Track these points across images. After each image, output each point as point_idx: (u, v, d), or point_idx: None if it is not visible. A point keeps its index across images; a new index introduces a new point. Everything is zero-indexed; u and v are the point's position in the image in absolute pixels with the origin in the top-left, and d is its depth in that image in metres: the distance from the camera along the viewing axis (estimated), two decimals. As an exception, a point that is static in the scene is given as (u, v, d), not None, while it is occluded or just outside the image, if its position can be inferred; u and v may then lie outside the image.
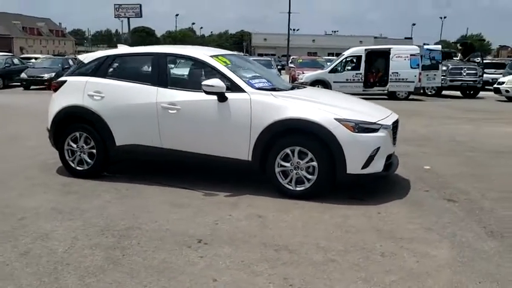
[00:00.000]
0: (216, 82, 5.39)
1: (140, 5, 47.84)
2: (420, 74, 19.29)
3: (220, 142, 5.55)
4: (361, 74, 19.40)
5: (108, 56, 6.22)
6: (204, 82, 5.42)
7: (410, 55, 19.22)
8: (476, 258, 3.84)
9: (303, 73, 21.45)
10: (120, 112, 5.89)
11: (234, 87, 5.49)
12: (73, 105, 6.12)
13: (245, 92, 5.47)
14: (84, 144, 6.14)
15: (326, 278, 3.49)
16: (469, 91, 21.77)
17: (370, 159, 5.18)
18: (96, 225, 4.50)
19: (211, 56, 5.83)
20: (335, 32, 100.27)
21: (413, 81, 19.19)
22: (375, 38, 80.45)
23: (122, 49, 6.54)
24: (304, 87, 6.92)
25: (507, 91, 19.55)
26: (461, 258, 3.84)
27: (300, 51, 52.56)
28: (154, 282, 3.40)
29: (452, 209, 5.07)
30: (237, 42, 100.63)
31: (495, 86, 20.66)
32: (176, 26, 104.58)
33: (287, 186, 5.37)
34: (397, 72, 19.16)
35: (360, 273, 3.56)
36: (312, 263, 3.72)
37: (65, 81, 6.31)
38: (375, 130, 5.24)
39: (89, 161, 6.14)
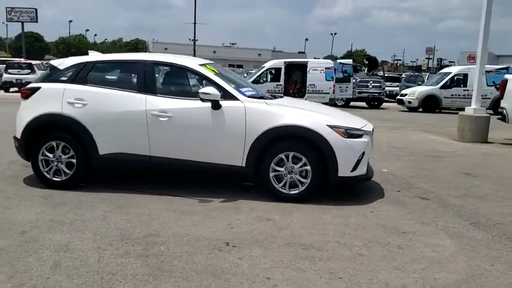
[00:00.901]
0: (212, 90, 5.50)
1: (36, 9, 44.91)
2: (334, 86, 20.58)
3: (213, 149, 5.65)
4: (281, 85, 20.20)
5: (87, 62, 6.03)
6: (202, 90, 5.52)
7: (325, 68, 20.47)
8: (477, 245, 4.40)
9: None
10: (105, 120, 5.74)
11: (226, 95, 5.63)
12: (50, 113, 5.84)
13: (238, 99, 5.64)
14: (61, 154, 5.87)
15: (365, 270, 3.79)
16: (374, 102, 23.63)
17: (358, 162, 5.61)
18: (110, 235, 4.38)
19: (200, 65, 5.92)
20: (233, 44, 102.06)
21: (328, 93, 20.40)
22: (273, 51, 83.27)
23: (103, 56, 6.37)
24: (281, 96, 7.22)
25: (409, 102, 21.54)
26: (465, 246, 4.37)
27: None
28: (214, 284, 3.47)
29: (431, 206, 5.66)
30: (132, 50, 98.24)
31: (398, 97, 22.70)
32: (69, 33, 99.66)
33: (281, 190, 5.61)
34: (313, 84, 20.26)
35: (392, 264, 3.92)
36: (345, 258, 4.01)
37: (38, 88, 5.99)
38: (360, 136, 5.69)
39: (67, 171, 5.88)
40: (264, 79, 20.41)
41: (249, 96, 5.77)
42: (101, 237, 4.32)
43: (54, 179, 5.92)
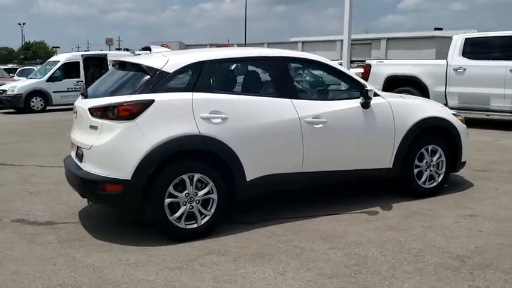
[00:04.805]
0: (371, 87, 4.88)
1: None
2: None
3: (365, 153, 5.04)
4: (82, 81, 17.78)
5: (205, 62, 4.39)
6: (369, 87, 4.82)
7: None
8: None
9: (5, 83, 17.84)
10: (252, 135, 4.39)
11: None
12: (183, 135, 4.08)
13: (379, 95, 5.16)
14: (196, 190, 4.20)
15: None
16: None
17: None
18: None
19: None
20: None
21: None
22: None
23: (221, 52, 4.69)
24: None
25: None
26: None
27: None
28: None
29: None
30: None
31: None
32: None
33: (421, 185, 5.41)
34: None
35: None
36: None
37: (150, 102, 4.06)
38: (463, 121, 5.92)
39: (205, 212, 4.26)
40: (62, 75, 17.54)
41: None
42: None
43: (188, 226, 4.20)
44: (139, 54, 19.91)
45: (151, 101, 4.06)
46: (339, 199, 5.30)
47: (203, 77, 4.35)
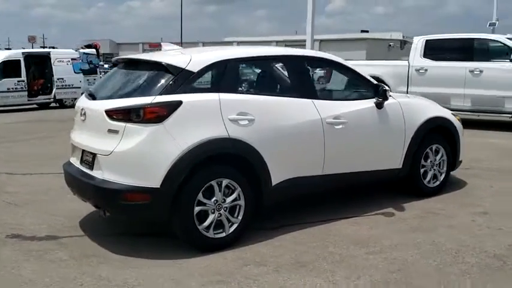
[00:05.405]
0: (387, 88, 4.83)
1: None
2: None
3: (379, 154, 5.00)
4: (23, 81, 16.67)
5: (229, 60, 4.13)
6: (386, 88, 4.76)
7: (72, 59, 18.02)
8: None
9: None
10: (277, 137, 4.19)
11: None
12: (213, 138, 3.81)
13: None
14: (224, 197, 3.95)
15: None
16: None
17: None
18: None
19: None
20: None
21: (80, 87, 18.08)
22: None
23: (244, 50, 4.39)
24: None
25: None
26: None
27: None
28: None
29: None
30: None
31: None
32: None
33: (426, 185, 5.44)
34: (62, 78, 17.57)
35: None
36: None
37: (178, 104, 3.74)
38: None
39: (233, 219, 4.01)
40: (0, 75, 16.29)
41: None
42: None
43: (216, 236, 3.93)
44: (92, 53, 18.97)
45: (179, 103, 3.75)
46: (349, 202, 5.20)
47: (227, 76, 4.10)
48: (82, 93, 16.34)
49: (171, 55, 4.22)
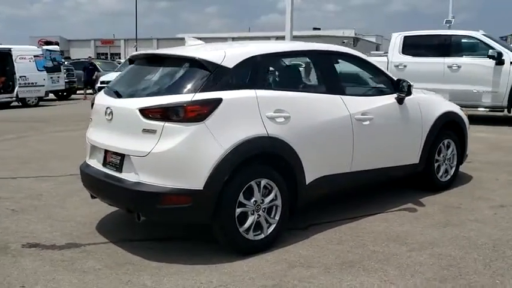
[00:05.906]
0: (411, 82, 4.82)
1: None
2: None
3: (400, 150, 4.99)
4: (-17, 79, 15.79)
5: (261, 56, 3.96)
6: (410, 83, 4.73)
7: (35, 56, 17.21)
8: None
9: None
10: (311, 135, 4.08)
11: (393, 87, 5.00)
12: (254, 136, 3.65)
13: (406, 90, 5.12)
14: (262, 197, 3.80)
15: None
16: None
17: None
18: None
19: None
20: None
21: (44, 85, 17.41)
22: None
23: (274, 45, 4.22)
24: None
25: None
26: None
27: None
28: None
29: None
30: None
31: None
32: None
33: (440, 179, 5.49)
34: (25, 76, 16.76)
35: None
36: None
37: (219, 101, 3.55)
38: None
39: (271, 220, 3.87)
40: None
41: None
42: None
43: (256, 238, 3.78)
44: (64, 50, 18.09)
45: (220, 100, 3.56)
46: (365, 198, 5.13)
47: (262, 72, 3.95)
48: (45, 92, 15.62)
49: (203, 50, 4.01)
